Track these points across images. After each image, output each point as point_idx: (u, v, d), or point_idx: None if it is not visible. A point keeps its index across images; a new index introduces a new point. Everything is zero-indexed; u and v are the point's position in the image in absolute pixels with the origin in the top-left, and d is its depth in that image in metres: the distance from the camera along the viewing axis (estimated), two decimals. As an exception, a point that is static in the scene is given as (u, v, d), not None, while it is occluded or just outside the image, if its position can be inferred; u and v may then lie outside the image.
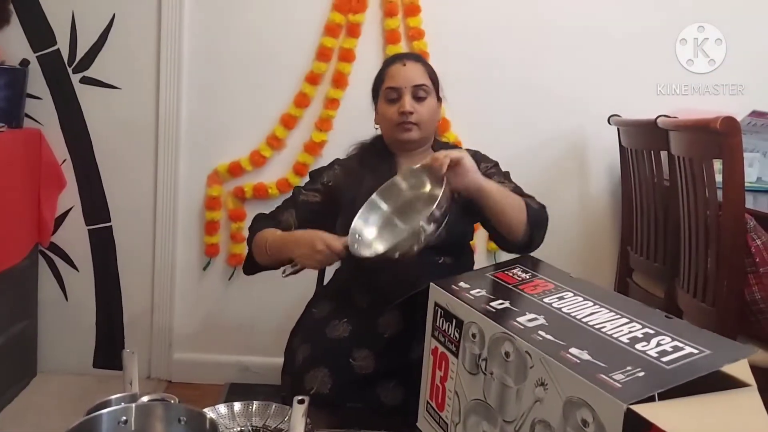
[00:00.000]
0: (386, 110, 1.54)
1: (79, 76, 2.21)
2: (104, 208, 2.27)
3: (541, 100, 2.25)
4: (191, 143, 2.25)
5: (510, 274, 1.24)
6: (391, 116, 1.52)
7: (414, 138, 1.53)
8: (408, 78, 1.53)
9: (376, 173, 1.52)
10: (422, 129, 1.53)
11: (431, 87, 1.55)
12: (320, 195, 1.59)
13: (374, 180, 1.50)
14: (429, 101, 1.53)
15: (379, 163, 1.57)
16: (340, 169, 1.62)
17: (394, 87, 1.53)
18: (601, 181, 2.33)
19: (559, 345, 0.92)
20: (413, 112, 1.50)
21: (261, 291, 2.31)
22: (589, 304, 1.06)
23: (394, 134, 1.54)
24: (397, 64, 1.57)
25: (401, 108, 1.50)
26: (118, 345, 2.33)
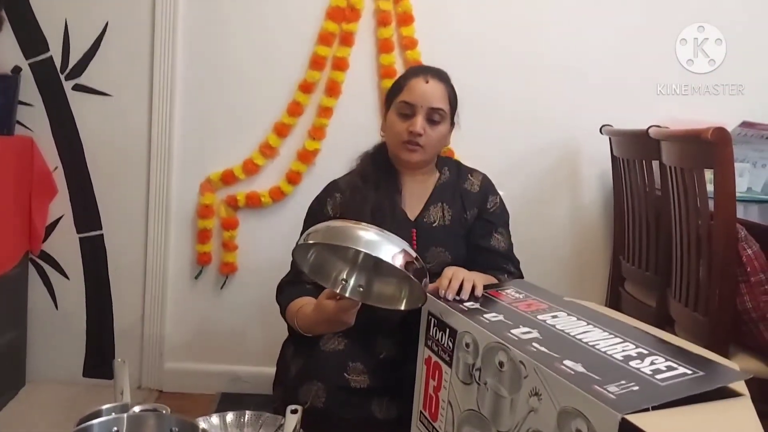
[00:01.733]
0: (396, 124, 1.48)
1: (71, 83, 2.20)
2: (95, 216, 2.26)
3: (533, 110, 2.26)
4: (184, 151, 2.24)
5: (504, 293, 1.25)
6: (399, 131, 1.47)
7: (414, 160, 1.49)
8: (427, 97, 1.47)
9: (380, 189, 1.50)
10: (426, 153, 1.49)
11: (447, 112, 1.50)
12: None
13: (378, 196, 1.49)
14: (441, 127, 1.49)
15: (383, 179, 1.53)
16: (340, 196, 1.55)
17: (409, 102, 1.47)
18: (593, 191, 2.33)
19: (554, 357, 0.92)
20: (422, 134, 1.45)
21: (253, 300, 2.30)
22: (583, 324, 1.06)
23: (397, 151, 1.50)
24: (420, 79, 1.50)
25: (411, 127, 1.45)
26: (108, 354, 2.30)
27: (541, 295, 1.23)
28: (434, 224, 1.49)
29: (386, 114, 1.55)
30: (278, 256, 2.20)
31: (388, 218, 1.47)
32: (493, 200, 1.56)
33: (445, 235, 1.48)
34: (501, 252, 1.51)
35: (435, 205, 1.51)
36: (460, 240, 1.48)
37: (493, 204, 1.55)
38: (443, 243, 1.47)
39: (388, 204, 1.49)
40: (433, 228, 1.48)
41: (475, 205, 1.53)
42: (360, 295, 1.23)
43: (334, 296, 1.25)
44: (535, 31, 2.24)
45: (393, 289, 1.22)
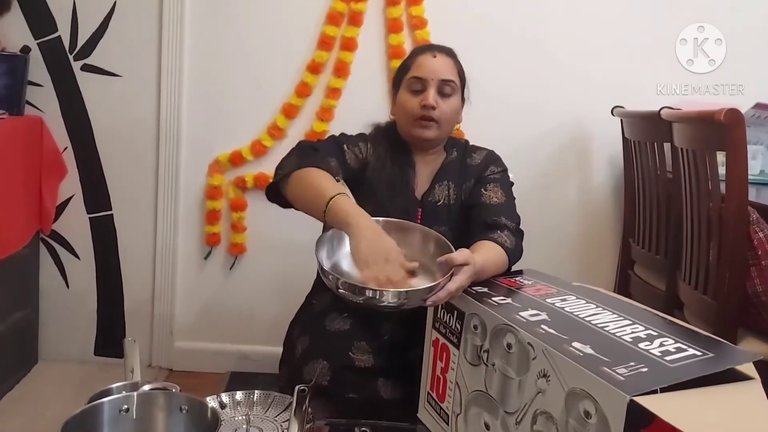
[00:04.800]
0: (407, 101, 1.46)
1: (80, 63, 2.20)
2: (105, 197, 2.27)
3: (543, 92, 2.24)
4: (192, 132, 2.24)
5: (512, 279, 1.25)
6: (412, 108, 1.44)
7: (430, 137, 1.46)
8: (436, 71, 1.45)
9: (396, 165, 1.49)
10: (441, 128, 1.46)
11: (458, 85, 1.48)
12: (358, 164, 1.49)
13: (393, 171, 1.48)
14: (453, 99, 1.47)
15: (398, 154, 1.51)
16: (371, 147, 1.52)
17: (419, 77, 1.45)
18: (603, 173, 2.32)
19: (562, 339, 0.92)
20: (436, 107, 1.43)
21: (261, 280, 2.31)
22: (592, 307, 1.06)
23: (411, 128, 1.47)
24: (427, 55, 1.48)
25: (424, 101, 1.42)
26: (119, 333, 2.33)
27: (549, 280, 1.23)
28: (439, 203, 1.48)
29: (395, 96, 1.53)
30: (286, 237, 2.22)
31: (399, 194, 1.47)
32: (493, 169, 1.52)
33: (449, 214, 1.47)
34: (492, 205, 1.43)
35: (440, 183, 1.50)
36: (463, 226, 1.46)
37: (492, 172, 1.51)
38: (446, 222, 1.46)
39: (400, 179, 1.48)
40: (438, 207, 1.48)
41: (474, 176, 1.51)
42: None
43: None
44: (545, 13, 2.21)
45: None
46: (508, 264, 1.32)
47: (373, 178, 1.48)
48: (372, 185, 1.47)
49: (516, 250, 1.36)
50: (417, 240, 1.25)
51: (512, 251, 1.34)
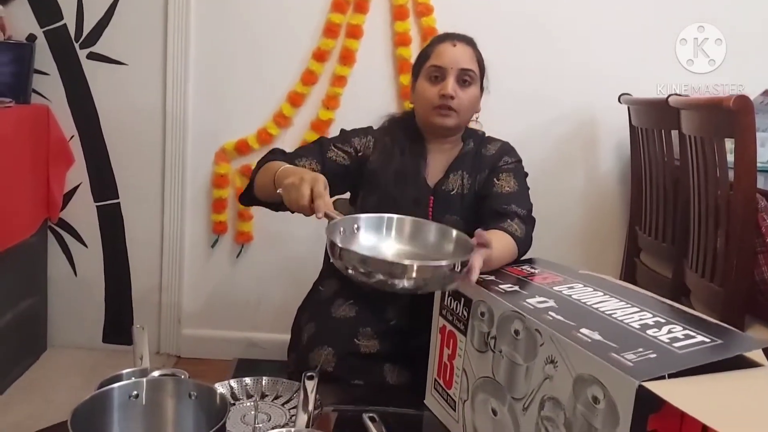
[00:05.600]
0: (426, 89, 1.45)
1: (86, 51, 2.20)
2: (112, 185, 2.27)
3: (549, 80, 2.23)
4: (198, 120, 2.25)
5: (519, 268, 1.24)
6: (431, 97, 1.44)
7: (449, 125, 1.45)
8: (456, 59, 1.44)
9: (405, 154, 1.48)
10: (460, 117, 1.45)
11: (477, 74, 1.47)
12: (349, 160, 1.47)
13: (403, 161, 1.47)
14: (472, 89, 1.46)
15: (410, 143, 1.50)
16: (373, 140, 1.51)
17: (439, 66, 1.44)
18: (609, 161, 2.31)
19: (570, 325, 0.92)
20: (455, 96, 1.42)
21: (268, 268, 2.32)
22: (599, 294, 1.06)
23: (430, 117, 1.46)
24: (447, 43, 1.47)
25: (443, 90, 1.42)
26: (127, 321, 2.34)
27: (556, 269, 1.23)
28: (452, 192, 1.48)
29: (414, 84, 1.53)
30: (293, 225, 2.21)
31: (409, 182, 1.46)
32: (507, 159, 1.50)
33: (461, 203, 1.47)
34: (504, 194, 1.42)
35: (455, 173, 1.49)
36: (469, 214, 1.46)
37: (506, 162, 1.50)
38: (459, 212, 1.46)
39: (411, 169, 1.47)
40: (451, 196, 1.47)
41: (487, 166, 1.50)
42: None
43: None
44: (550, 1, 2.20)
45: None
46: (517, 254, 1.31)
47: (377, 169, 1.48)
48: (376, 176, 1.47)
49: (526, 238, 1.36)
50: (432, 237, 1.17)
51: (522, 240, 1.33)
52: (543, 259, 1.33)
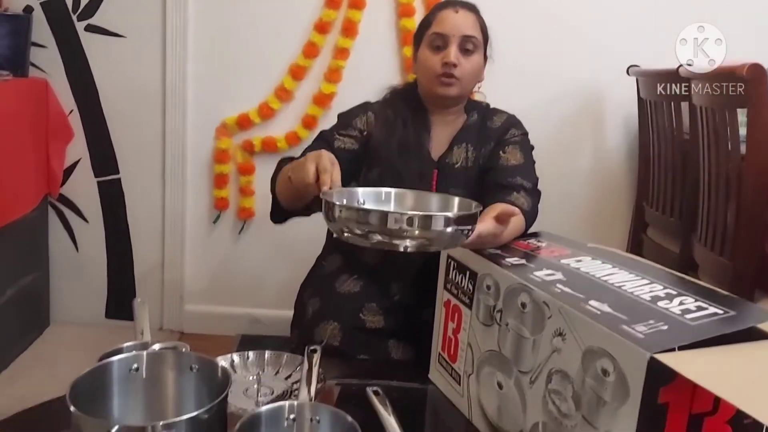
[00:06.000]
0: (428, 58, 1.41)
1: (83, 23, 2.16)
2: (112, 160, 2.25)
3: (555, 54, 2.19)
4: (199, 94, 2.21)
5: (525, 242, 1.22)
6: (433, 65, 1.40)
7: (452, 94, 1.42)
8: (458, 26, 1.40)
9: (408, 126, 1.45)
10: (462, 86, 1.42)
11: (480, 41, 1.43)
12: (357, 143, 1.44)
13: (406, 133, 1.44)
14: (475, 57, 1.42)
15: (412, 115, 1.47)
16: (373, 115, 1.48)
17: (441, 33, 1.40)
18: (616, 134, 2.28)
19: (578, 298, 0.90)
20: (457, 64, 1.39)
21: (271, 244, 2.30)
22: (608, 267, 1.03)
23: (432, 86, 1.42)
24: (449, 10, 1.43)
25: (445, 58, 1.38)
26: (129, 296, 2.33)
27: (564, 242, 1.20)
28: (456, 165, 1.45)
29: (416, 53, 1.49)
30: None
31: (413, 156, 1.43)
32: (513, 132, 1.47)
33: (466, 177, 1.44)
34: (509, 167, 1.39)
35: (459, 145, 1.46)
36: (474, 184, 1.44)
37: (513, 135, 1.47)
38: (463, 185, 1.43)
39: (414, 141, 1.44)
40: (455, 169, 1.45)
41: (493, 139, 1.47)
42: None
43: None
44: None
45: None
46: (525, 227, 1.29)
47: (379, 143, 1.44)
48: (378, 149, 1.44)
49: (532, 212, 1.34)
50: (435, 205, 1.14)
51: (529, 213, 1.31)
52: (549, 232, 1.31)
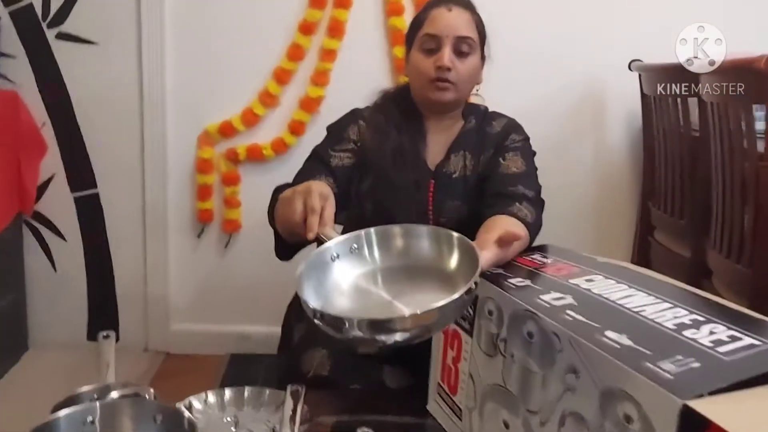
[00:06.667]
0: (420, 61, 1.30)
1: (54, 31, 2.05)
2: (89, 174, 2.14)
3: (554, 49, 2.09)
4: (178, 102, 2.10)
5: (528, 258, 1.10)
6: (425, 69, 1.29)
7: (447, 100, 1.31)
8: (452, 26, 1.28)
9: (402, 133, 1.33)
10: (458, 90, 1.31)
11: (477, 42, 1.32)
12: (354, 156, 1.32)
13: (400, 140, 1.32)
14: (472, 59, 1.31)
15: (406, 121, 1.35)
16: (364, 124, 1.36)
17: (433, 35, 1.29)
18: (619, 132, 2.18)
19: (593, 327, 0.79)
20: (452, 68, 1.27)
21: (259, 257, 2.17)
22: (624, 287, 0.92)
23: (425, 92, 1.31)
24: (442, 8, 1.31)
25: (438, 61, 1.27)
26: (111, 316, 2.23)
27: (570, 257, 1.08)
28: (454, 175, 1.34)
29: (407, 56, 1.38)
30: (283, 211, 2.09)
31: (409, 164, 1.32)
32: (514, 138, 1.36)
33: (465, 187, 1.33)
34: (510, 175, 1.28)
35: (456, 153, 1.35)
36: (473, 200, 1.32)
37: (513, 141, 1.36)
38: (461, 196, 1.32)
39: (409, 149, 1.33)
40: (453, 179, 1.34)
41: (492, 145, 1.36)
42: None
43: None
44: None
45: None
46: (529, 241, 1.18)
47: (371, 151, 1.33)
48: (371, 159, 1.33)
49: (536, 223, 1.23)
50: (428, 246, 0.97)
51: (533, 225, 1.20)
52: (554, 245, 1.19)
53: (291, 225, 1.02)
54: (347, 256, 0.96)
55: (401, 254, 0.98)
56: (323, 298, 0.90)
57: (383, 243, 0.98)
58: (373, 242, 0.98)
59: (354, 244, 0.97)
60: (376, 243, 0.98)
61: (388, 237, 0.98)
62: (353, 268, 0.96)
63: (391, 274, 0.96)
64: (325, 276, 0.94)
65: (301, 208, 0.99)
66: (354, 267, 0.96)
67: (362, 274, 0.96)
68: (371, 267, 0.97)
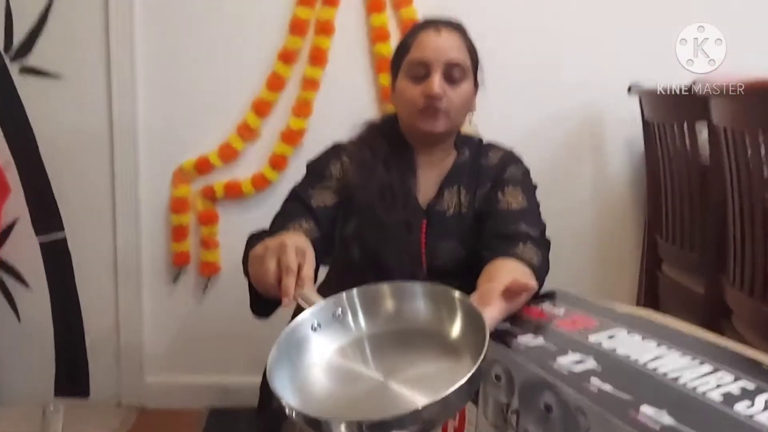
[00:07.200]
0: (408, 90, 1.19)
1: (17, 65, 1.92)
2: (56, 217, 1.99)
3: (549, 73, 1.98)
4: (151, 137, 1.96)
5: (537, 308, 0.97)
6: (414, 98, 1.17)
7: (438, 131, 1.19)
8: (441, 51, 1.17)
9: (391, 168, 1.21)
10: (451, 120, 1.19)
11: (469, 66, 1.21)
12: (337, 195, 1.21)
13: (389, 176, 1.20)
14: (464, 86, 1.20)
15: (394, 155, 1.23)
16: (348, 160, 1.24)
17: (421, 60, 1.17)
18: (619, 161, 2.06)
19: (624, 401, 0.65)
20: (443, 96, 1.16)
21: (240, 304, 1.99)
22: (652, 344, 0.78)
23: (415, 122, 1.19)
24: (430, 31, 1.20)
25: (428, 89, 1.15)
26: (81, 369, 2.06)
27: (585, 307, 0.95)
28: (448, 213, 1.21)
29: (394, 83, 1.26)
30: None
31: (398, 203, 1.19)
32: (513, 171, 1.25)
33: (459, 225, 1.20)
34: (511, 212, 1.17)
35: (450, 188, 1.23)
36: (476, 231, 1.19)
37: (512, 174, 1.24)
38: (456, 235, 1.19)
39: (399, 186, 1.20)
40: (447, 218, 1.21)
41: (489, 179, 1.23)
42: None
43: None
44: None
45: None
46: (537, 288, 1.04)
47: (357, 189, 1.21)
48: (355, 196, 1.20)
49: (543, 266, 1.09)
50: (423, 308, 0.84)
51: (540, 269, 1.07)
52: (564, 291, 1.06)
53: (264, 287, 0.89)
54: (329, 325, 0.82)
55: (392, 318, 0.84)
56: (300, 386, 0.76)
57: (370, 305, 0.84)
58: (358, 305, 0.84)
59: (338, 309, 0.83)
60: (362, 306, 0.84)
61: (376, 298, 0.85)
62: (335, 340, 0.82)
63: (381, 344, 0.81)
64: (303, 355, 0.80)
65: (274, 268, 0.86)
66: (336, 338, 0.82)
67: (347, 346, 0.82)
68: (357, 336, 0.83)
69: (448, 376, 0.68)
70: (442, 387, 0.65)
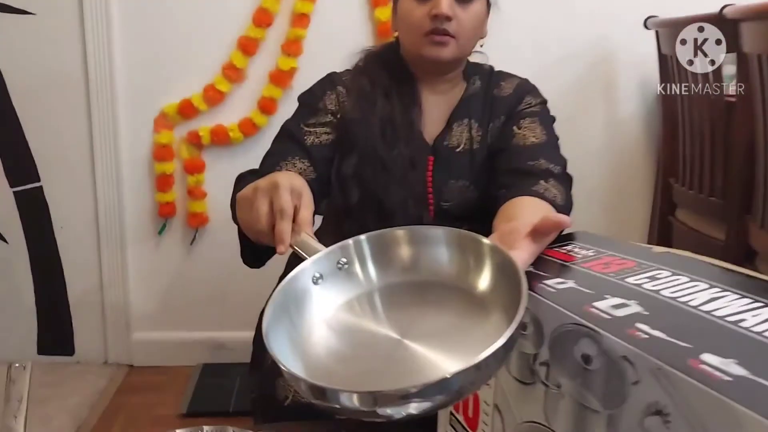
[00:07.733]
0: (412, 11, 1.06)
1: (-19, 0, 1.78)
2: (31, 166, 1.88)
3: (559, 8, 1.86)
4: (130, 80, 1.85)
5: (564, 251, 0.85)
6: (419, 20, 1.05)
7: (446, 57, 1.07)
8: None
9: (392, 100, 1.10)
10: (460, 45, 1.07)
11: None
12: (333, 130, 1.11)
13: (390, 108, 1.09)
14: (475, 5, 1.07)
15: (396, 85, 1.12)
16: (344, 91, 1.13)
17: None
18: (632, 101, 1.96)
19: (681, 348, 0.55)
20: (452, 17, 1.04)
21: (230, 255, 1.90)
22: (703, 286, 0.67)
23: (420, 48, 1.07)
24: None
25: (435, 9, 1.03)
26: (66, 327, 1.99)
27: (617, 248, 0.84)
28: (458, 149, 1.10)
29: (395, 4, 1.14)
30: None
31: (401, 138, 1.08)
32: (529, 101, 1.14)
33: (471, 163, 1.10)
34: (528, 147, 1.07)
35: (459, 122, 1.11)
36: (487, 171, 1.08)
37: (528, 105, 1.13)
38: (467, 174, 1.09)
39: (401, 119, 1.09)
40: (456, 154, 1.10)
41: (503, 111, 1.12)
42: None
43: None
44: None
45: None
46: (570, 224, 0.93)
47: (355, 123, 1.09)
48: (354, 133, 1.09)
49: (567, 206, 0.99)
50: (446, 258, 0.71)
51: (564, 209, 0.96)
52: (587, 232, 0.95)
53: (256, 233, 0.77)
54: (333, 276, 0.70)
55: (407, 268, 0.72)
56: (301, 349, 0.64)
57: (382, 254, 0.72)
58: (367, 254, 0.72)
59: (342, 258, 0.71)
60: (372, 255, 0.72)
61: (389, 245, 0.72)
62: (341, 294, 0.70)
63: (395, 298, 0.70)
64: (303, 312, 0.67)
65: (266, 211, 0.75)
66: (342, 291, 0.70)
67: (355, 300, 0.70)
68: (366, 288, 0.71)
69: (477, 336, 0.58)
70: (472, 349, 0.54)
